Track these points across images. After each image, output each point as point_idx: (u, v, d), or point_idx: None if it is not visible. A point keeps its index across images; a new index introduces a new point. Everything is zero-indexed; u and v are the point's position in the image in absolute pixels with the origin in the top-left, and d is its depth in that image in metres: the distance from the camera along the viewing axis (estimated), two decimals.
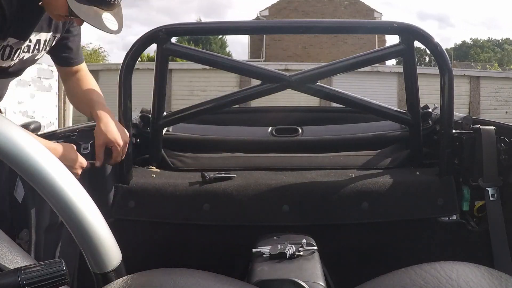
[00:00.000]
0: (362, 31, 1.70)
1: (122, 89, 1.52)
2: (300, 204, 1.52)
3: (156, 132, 1.67)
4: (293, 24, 1.66)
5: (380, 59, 1.65)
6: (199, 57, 1.61)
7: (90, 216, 0.63)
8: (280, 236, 1.31)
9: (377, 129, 1.86)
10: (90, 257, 0.64)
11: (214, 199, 1.53)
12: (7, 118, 0.61)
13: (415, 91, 1.58)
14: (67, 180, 0.61)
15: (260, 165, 1.69)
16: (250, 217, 1.52)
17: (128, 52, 1.50)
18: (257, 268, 1.13)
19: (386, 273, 0.62)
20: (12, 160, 0.57)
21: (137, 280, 0.57)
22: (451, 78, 1.50)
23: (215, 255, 1.53)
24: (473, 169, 1.50)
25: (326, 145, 1.81)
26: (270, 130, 1.86)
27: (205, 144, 1.83)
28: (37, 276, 0.55)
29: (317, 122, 1.99)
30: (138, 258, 1.47)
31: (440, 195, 1.52)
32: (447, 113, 1.54)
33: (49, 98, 6.46)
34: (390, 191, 1.52)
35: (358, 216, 1.51)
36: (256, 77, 1.62)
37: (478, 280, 0.52)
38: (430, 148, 1.69)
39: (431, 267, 0.58)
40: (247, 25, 1.68)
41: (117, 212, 1.51)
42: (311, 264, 1.13)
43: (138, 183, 1.56)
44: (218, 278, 0.63)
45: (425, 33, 1.45)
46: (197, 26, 1.86)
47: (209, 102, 1.67)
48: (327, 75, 1.66)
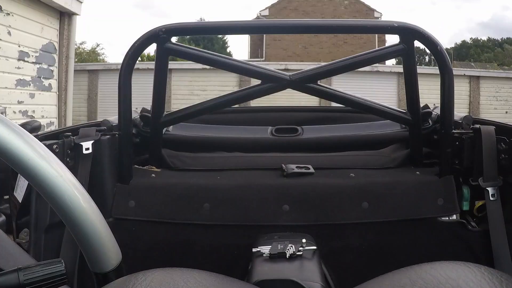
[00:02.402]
0: (362, 31, 1.69)
1: (122, 89, 1.52)
2: (300, 204, 1.52)
3: (156, 132, 1.67)
4: (293, 24, 1.65)
5: (380, 59, 1.64)
6: (199, 57, 1.60)
7: (90, 216, 0.63)
8: (280, 236, 1.31)
9: (377, 129, 1.86)
10: (90, 257, 0.64)
11: (214, 199, 1.53)
12: (7, 118, 0.61)
13: (415, 91, 1.58)
14: (67, 180, 0.61)
15: (260, 165, 1.69)
16: (250, 217, 1.52)
17: (128, 52, 1.50)
18: (257, 268, 1.13)
19: (386, 273, 0.62)
20: (12, 160, 0.57)
21: (137, 279, 0.57)
22: (451, 78, 1.50)
23: (215, 255, 1.53)
24: (473, 169, 1.50)
25: (326, 145, 1.81)
26: (270, 130, 1.86)
27: (205, 143, 1.83)
28: (37, 276, 0.55)
29: (317, 122, 1.98)
30: (138, 258, 1.48)
31: (440, 195, 1.52)
32: (447, 113, 1.53)
33: (49, 98, 6.46)
34: (390, 191, 1.52)
35: (358, 215, 1.51)
36: (256, 77, 1.61)
37: (478, 280, 0.52)
38: (430, 148, 1.69)
39: (431, 267, 0.58)
40: (247, 25, 1.68)
41: (117, 212, 1.51)
42: (311, 264, 1.13)
43: (138, 183, 1.56)
44: (218, 278, 0.63)
45: (425, 33, 1.45)
46: (197, 26, 1.86)
47: (209, 102, 1.66)
48: (327, 75, 1.66)
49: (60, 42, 6.55)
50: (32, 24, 5.92)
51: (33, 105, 6.10)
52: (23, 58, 5.83)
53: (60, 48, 6.56)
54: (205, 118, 1.90)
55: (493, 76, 13.74)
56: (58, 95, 6.62)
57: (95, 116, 12.48)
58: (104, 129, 1.54)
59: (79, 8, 6.73)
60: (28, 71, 5.96)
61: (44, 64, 6.28)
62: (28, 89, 6.00)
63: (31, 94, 6.07)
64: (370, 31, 1.65)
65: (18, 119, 5.61)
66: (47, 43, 6.30)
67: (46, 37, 6.27)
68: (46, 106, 6.40)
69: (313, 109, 2.61)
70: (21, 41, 5.75)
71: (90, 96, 13.00)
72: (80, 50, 21.05)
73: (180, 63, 12.62)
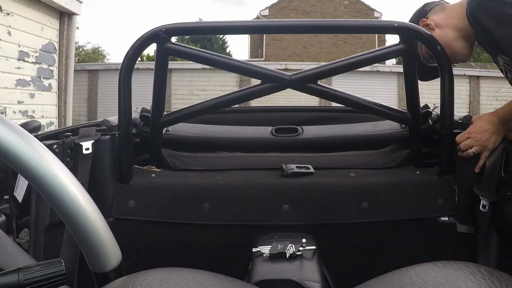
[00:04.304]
0: (362, 30, 1.69)
1: (122, 89, 1.52)
2: (300, 204, 1.52)
3: (156, 131, 1.67)
4: (293, 24, 1.65)
5: (380, 58, 1.65)
6: (199, 56, 1.60)
7: (90, 216, 0.63)
8: (280, 236, 1.31)
9: (377, 129, 1.86)
10: (90, 257, 0.64)
11: (214, 199, 1.53)
12: (7, 118, 0.61)
13: (415, 91, 1.58)
14: (67, 180, 0.61)
15: (260, 165, 1.69)
16: (250, 216, 1.52)
17: (128, 52, 1.50)
18: (257, 267, 1.13)
19: (386, 273, 0.62)
20: (12, 160, 0.57)
21: (137, 279, 0.57)
22: (451, 78, 1.50)
23: (215, 254, 1.53)
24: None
25: (326, 145, 1.81)
26: (270, 130, 1.86)
27: (205, 143, 1.83)
28: (37, 276, 0.55)
29: (317, 122, 1.98)
30: (138, 258, 1.48)
31: (440, 195, 1.52)
32: (447, 112, 1.53)
33: (49, 98, 6.46)
34: (390, 191, 1.52)
35: (358, 215, 1.51)
36: (256, 77, 1.61)
37: (478, 280, 0.52)
38: (430, 148, 1.69)
39: (431, 267, 0.57)
40: (247, 25, 1.68)
41: (117, 212, 1.51)
42: (311, 264, 1.14)
43: (138, 183, 1.56)
44: (218, 278, 0.63)
45: (425, 33, 1.45)
46: (197, 26, 1.86)
47: (209, 101, 1.66)
48: (327, 75, 1.66)
49: (60, 42, 6.55)
50: (32, 24, 5.92)
51: (33, 105, 6.10)
52: (23, 58, 5.83)
53: (60, 48, 6.56)
54: (205, 118, 1.90)
55: (493, 76, 13.72)
56: (58, 95, 6.62)
57: (95, 116, 12.47)
58: (104, 129, 1.54)
59: (79, 8, 6.74)
60: (28, 71, 5.96)
61: (44, 64, 6.28)
62: (28, 89, 6.00)
63: (31, 94, 6.07)
64: (370, 31, 1.65)
65: (18, 119, 5.61)
66: (47, 43, 6.30)
67: (46, 37, 6.27)
68: (46, 106, 6.40)
69: (313, 109, 2.61)
70: (21, 41, 5.75)
71: (90, 96, 12.99)
72: (87, 50, 21.05)
73: (180, 63, 12.62)
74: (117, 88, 1.53)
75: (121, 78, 1.51)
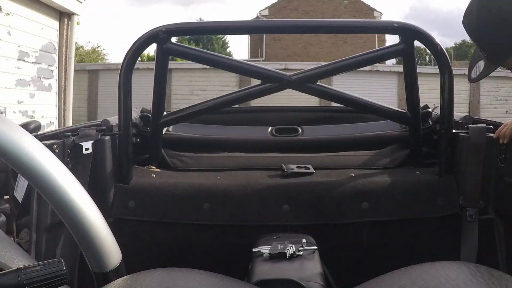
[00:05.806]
0: (362, 31, 1.69)
1: (122, 89, 1.52)
2: (300, 204, 1.52)
3: (156, 131, 1.67)
4: (293, 24, 1.65)
5: (380, 58, 1.65)
6: (199, 56, 1.60)
7: (90, 216, 0.63)
8: (280, 236, 1.31)
9: (377, 129, 1.86)
10: (90, 257, 0.64)
11: (214, 199, 1.53)
12: (7, 118, 0.61)
13: (415, 91, 1.58)
14: (67, 180, 0.61)
15: (260, 165, 1.69)
16: (250, 217, 1.52)
17: (128, 52, 1.50)
18: (257, 268, 1.13)
19: (386, 273, 0.62)
20: (12, 160, 0.57)
21: (137, 279, 0.57)
22: (451, 78, 1.50)
23: (215, 254, 1.53)
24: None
25: (326, 145, 1.81)
26: (270, 130, 1.86)
27: (205, 143, 1.83)
28: (37, 276, 0.55)
29: (317, 122, 1.99)
30: (138, 258, 1.48)
31: (440, 195, 1.52)
32: (447, 112, 1.54)
33: (49, 98, 6.45)
34: (390, 191, 1.52)
35: (358, 215, 1.51)
36: (256, 77, 1.61)
37: (478, 280, 0.52)
38: (430, 148, 1.69)
39: (431, 267, 0.58)
40: (247, 25, 1.68)
41: (117, 212, 1.51)
42: (311, 264, 1.13)
43: (138, 183, 1.56)
44: (218, 278, 0.63)
45: (425, 33, 1.45)
46: (197, 26, 1.86)
47: (209, 102, 1.67)
48: (327, 75, 1.66)
49: (60, 42, 6.55)
50: (32, 24, 5.91)
51: (33, 105, 6.09)
52: (23, 58, 5.83)
53: (60, 48, 6.55)
54: (205, 118, 1.90)
55: (493, 76, 13.73)
56: (58, 95, 6.62)
57: (95, 116, 12.47)
58: (104, 129, 1.54)
59: (79, 8, 6.73)
60: (28, 71, 5.96)
61: (44, 64, 6.27)
62: (28, 89, 5.99)
63: (31, 94, 6.06)
64: (370, 31, 1.65)
65: (18, 119, 5.61)
66: (47, 43, 6.30)
67: (46, 37, 6.26)
68: (46, 106, 6.39)
69: (313, 109, 2.61)
70: (21, 41, 5.74)
71: (90, 96, 12.99)
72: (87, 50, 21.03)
73: (180, 63, 12.62)
74: (117, 88, 1.53)
75: (121, 78, 1.51)
